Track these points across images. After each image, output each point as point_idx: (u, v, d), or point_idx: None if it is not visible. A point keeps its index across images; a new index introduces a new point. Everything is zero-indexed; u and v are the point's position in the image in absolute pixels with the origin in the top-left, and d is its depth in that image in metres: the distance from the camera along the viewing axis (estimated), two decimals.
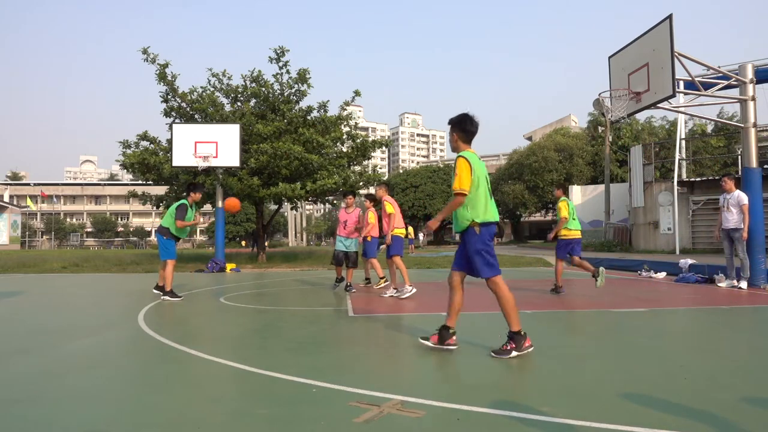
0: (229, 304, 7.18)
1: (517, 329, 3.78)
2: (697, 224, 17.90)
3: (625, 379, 3.18)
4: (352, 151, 18.51)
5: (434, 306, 6.87)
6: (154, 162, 16.10)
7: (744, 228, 8.19)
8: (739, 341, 4.45)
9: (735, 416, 2.53)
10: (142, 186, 31.02)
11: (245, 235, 58.85)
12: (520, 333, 3.78)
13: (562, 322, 5.56)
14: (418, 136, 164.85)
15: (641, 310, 6.28)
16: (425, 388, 3.03)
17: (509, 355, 3.71)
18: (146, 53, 16.48)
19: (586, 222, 28.59)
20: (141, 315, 6.12)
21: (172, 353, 4.11)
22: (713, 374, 3.32)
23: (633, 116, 21.17)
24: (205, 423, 2.54)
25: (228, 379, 3.37)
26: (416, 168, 54.28)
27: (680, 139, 19.25)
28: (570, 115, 66.04)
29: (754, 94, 8.72)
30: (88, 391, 3.14)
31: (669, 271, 11.14)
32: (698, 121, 30.96)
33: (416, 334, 4.94)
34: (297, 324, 5.49)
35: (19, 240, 49.51)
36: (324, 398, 2.88)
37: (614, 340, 4.50)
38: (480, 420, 2.52)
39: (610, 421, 2.45)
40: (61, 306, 7.15)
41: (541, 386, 3.07)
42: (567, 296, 7.92)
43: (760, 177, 8.73)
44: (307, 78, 17.52)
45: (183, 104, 17.64)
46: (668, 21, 8.11)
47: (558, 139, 39.47)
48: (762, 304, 6.77)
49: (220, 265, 14.45)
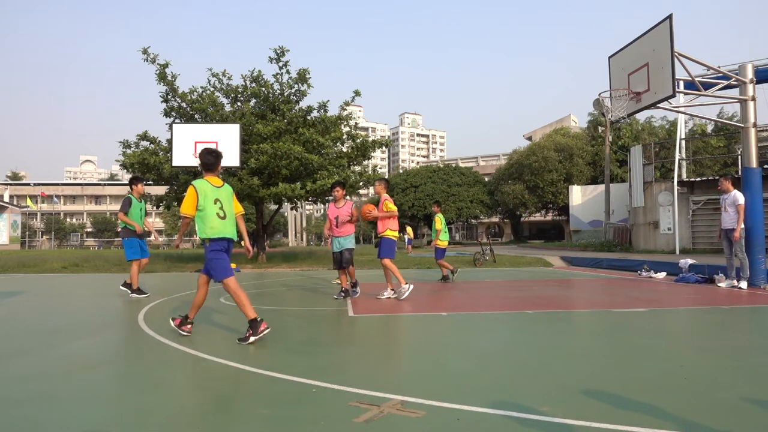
0: (229, 304, 7.18)
1: (253, 317, 4.47)
2: (697, 224, 17.90)
3: (625, 379, 3.18)
4: (352, 151, 18.50)
5: (434, 306, 6.87)
6: (154, 162, 16.09)
7: (737, 228, 8.18)
8: (739, 341, 4.45)
9: (735, 416, 2.53)
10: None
11: None
12: (256, 320, 4.46)
13: (562, 322, 5.56)
14: (418, 136, 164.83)
15: (641, 310, 6.28)
16: (425, 388, 3.03)
17: (249, 340, 4.40)
18: (146, 53, 16.47)
19: (586, 222, 28.62)
20: (141, 315, 6.12)
21: (172, 353, 4.11)
22: (713, 374, 3.32)
23: (633, 116, 21.18)
24: (205, 423, 2.54)
25: (228, 379, 3.37)
26: (416, 168, 54.23)
27: (680, 139, 19.25)
28: (570, 115, 66.01)
29: (754, 94, 8.72)
30: (88, 391, 3.14)
31: (669, 271, 11.14)
32: (698, 121, 30.96)
33: (416, 335, 4.94)
34: (297, 324, 5.49)
35: (19, 240, 49.52)
36: (324, 398, 2.88)
37: (614, 340, 4.50)
38: (480, 420, 2.52)
39: (610, 421, 2.45)
40: (61, 306, 7.15)
41: (541, 386, 3.07)
42: (567, 296, 7.93)
43: (760, 177, 8.73)
44: (307, 78, 17.51)
45: (183, 104, 17.63)
46: (668, 21, 8.11)
47: (558, 139, 39.44)
48: (762, 304, 6.77)
49: None
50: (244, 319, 5.94)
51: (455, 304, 7.11)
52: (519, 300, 7.35)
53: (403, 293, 7.31)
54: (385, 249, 7.55)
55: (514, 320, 5.64)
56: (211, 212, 4.62)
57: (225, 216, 4.69)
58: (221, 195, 4.76)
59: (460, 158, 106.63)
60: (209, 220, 4.60)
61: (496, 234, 64.84)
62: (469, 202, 43.95)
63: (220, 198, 4.73)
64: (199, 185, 4.68)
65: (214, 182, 4.82)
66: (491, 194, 44.17)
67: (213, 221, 4.61)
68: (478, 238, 51.36)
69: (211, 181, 4.80)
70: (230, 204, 4.83)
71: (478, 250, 17.11)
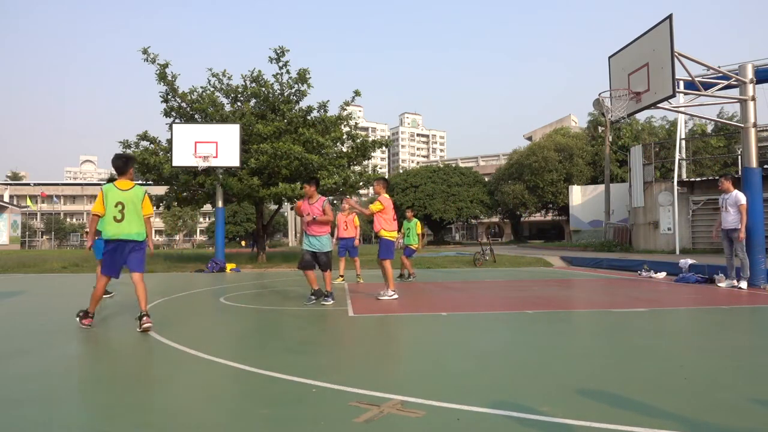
0: (229, 304, 7.18)
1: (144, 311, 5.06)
2: (697, 224, 17.90)
3: (625, 379, 3.18)
4: (352, 151, 18.50)
5: (434, 306, 6.87)
6: (154, 162, 16.09)
7: (741, 228, 8.19)
8: (739, 341, 4.45)
9: (735, 416, 2.53)
10: (142, 186, 30.93)
11: (245, 235, 58.86)
12: (147, 314, 5.04)
13: (562, 322, 5.56)
14: (418, 136, 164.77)
15: (641, 310, 6.28)
16: (425, 388, 3.02)
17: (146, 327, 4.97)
18: (146, 53, 16.47)
19: (586, 222, 28.62)
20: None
21: (172, 353, 4.11)
22: (713, 374, 3.32)
23: (633, 116, 21.18)
24: (205, 423, 2.54)
25: (228, 379, 3.37)
26: (416, 168, 54.22)
27: (680, 139, 19.24)
28: (570, 115, 66.00)
29: (754, 94, 8.72)
30: (87, 391, 3.14)
31: (669, 271, 11.14)
32: (698, 121, 30.94)
33: (416, 335, 4.94)
34: (297, 324, 5.49)
35: (19, 240, 49.51)
36: (324, 398, 2.89)
37: (614, 340, 4.50)
38: (480, 420, 2.52)
39: (610, 421, 2.45)
40: (61, 306, 7.15)
41: (541, 386, 3.07)
42: (567, 296, 7.93)
43: (760, 177, 8.73)
44: (307, 78, 17.52)
45: (183, 104, 17.64)
46: (668, 21, 8.11)
47: (558, 139, 39.43)
48: (762, 304, 6.77)
49: (220, 266, 14.46)
50: (245, 318, 5.96)
51: (455, 304, 7.11)
52: (519, 300, 7.35)
53: (386, 296, 7.28)
54: (384, 250, 7.53)
55: (514, 320, 5.64)
56: (108, 215, 5.12)
57: (122, 219, 5.15)
58: (126, 198, 5.19)
59: (460, 158, 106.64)
60: (106, 222, 5.13)
61: (496, 234, 64.85)
62: (469, 202, 43.96)
63: (124, 201, 5.17)
64: (106, 189, 5.21)
65: (122, 186, 5.24)
66: (491, 194, 44.17)
67: (108, 224, 5.12)
68: (478, 238, 51.36)
69: (119, 185, 5.24)
70: (136, 206, 5.23)
71: (478, 250, 17.11)
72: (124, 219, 5.14)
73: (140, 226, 5.22)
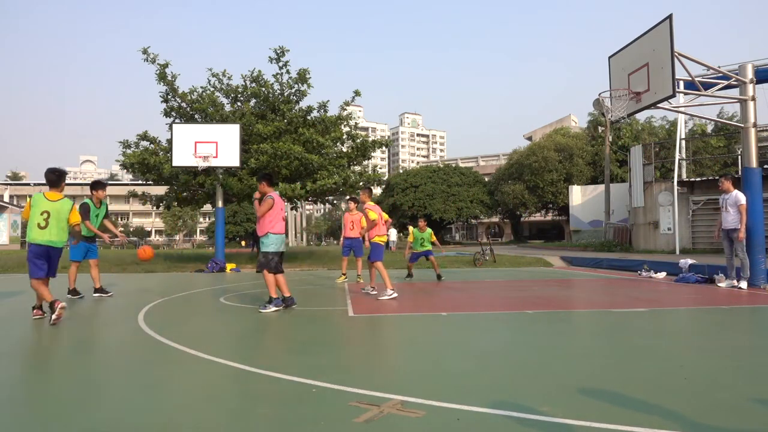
0: (229, 304, 7.19)
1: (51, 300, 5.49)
2: (697, 224, 17.89)
3: (625, 379, 3.18)
4: (352, 151, 18.49)
5: (434, 306, 6.88)
6: (154, 162, 16.08)
7: (741, 228, 8.19)
8: (739, 341, 4.45)
9: (735, 416, 2.53)
10: (142, 186, 30.97)
11: (245, 235, 58.86)
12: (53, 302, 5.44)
13: (562, 322, 5.56)
14: (418, 136, 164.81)
15: (641, 310, 6.28)
16: (425, 388, 3.02)
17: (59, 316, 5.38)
18: (146, 53, 16.46)
19: (586, 222, 28.61)
20: (141, 315, 6.12)
21: (172, 353, 4.11)
22: (713, 374, 3.32)
23: (633, 116, 21.17)
24: (205, 423, 2.54)
25: (228, 379, 3.37)
26: (416, 168, 54.16)
27: (680, 139, 19.24)
28: (570, 115, 65.98)
29: (754, 94, 8.72)
30: (87, 391, 3.14)
31: (669, 271, 11.14)
32: (698, 121, 30.95)
33: (416, 335, 4.94)
34: (297, 324, 5.49)
35: (19, 240, 49.41)
36: (324, 398, 2.89)
37: (614, 340, 4.50)
38: (480, 420, 2.52)
39: (610, 421, 2.45)
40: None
41: (541, 386, 3.07)
42: (567, 296, 7.93)
43: (760, 177, 8.72)
44: (307, 78, 17.50)
45: (183, 104, 17.63)
46: (668, 21, 8.11)
47: (558, 139, 39.40)
48: (762, 304, 6.77)
49: (220, 266, 14.45)
50: (245, 318, 5.95)
51: (455, 304, 7.11)
52: (519, 300, 7.35)
53: (386, 296, 7.35)
54: (375, 252, 7.80)
55: (514, 320, 5.64)
56: (33, 222, 5.57)
57: (46, 226, 5.58)
58: (53, 208, 5.63)
59: (460, 158, 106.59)
60: (30, 228, 5.58)
61: (496, 234, 64.82)
62: (469, 202, 43.91)
63: (50, 210, 5.61)
64: (35, 198, 5.67)
65: (51, 197, 5.69)
66: (491, 194, 44.14)
67: (32, 229, 5.57)
68: (478, 238, 51.35)
69: (48, 196, 5.69)
70: (62, 216, 5.67)
71: (478, 250, 17.11)
72: (47, 226, 5.59)
73: (60, 235, 5.70)
